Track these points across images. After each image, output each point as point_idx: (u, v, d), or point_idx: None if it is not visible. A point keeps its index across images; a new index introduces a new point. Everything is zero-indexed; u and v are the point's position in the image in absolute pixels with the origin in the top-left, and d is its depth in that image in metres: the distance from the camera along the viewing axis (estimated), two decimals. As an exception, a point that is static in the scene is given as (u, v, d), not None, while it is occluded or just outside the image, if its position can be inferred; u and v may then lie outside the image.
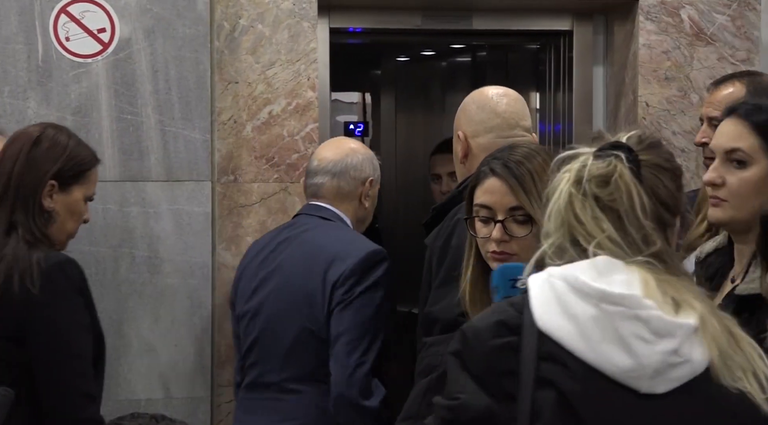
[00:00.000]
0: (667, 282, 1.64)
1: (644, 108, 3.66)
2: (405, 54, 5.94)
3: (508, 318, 1.67)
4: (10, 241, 2.47)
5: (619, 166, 1.65)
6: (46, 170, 2.55)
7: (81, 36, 3.23)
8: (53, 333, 2.47)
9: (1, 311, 2.44)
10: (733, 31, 3.70)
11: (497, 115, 2.77)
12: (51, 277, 2.46)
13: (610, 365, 1.60)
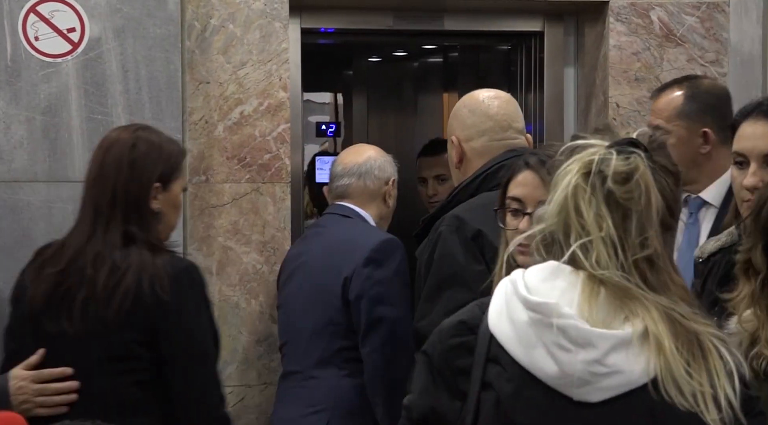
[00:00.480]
0: (624, 293, 1.61)
1: (615, 109, 3.69)
2: (377, 54, 5.95)
3: (470, 318, 1.70)
4: (131, 250, 2.51)
5: (642, 166, 1.64)
6: (150, 175, 2.57)
7: (50, 35, 3.21)
8: (185, 336, 2.54)
9: (133, 316, 2.49)
10: (703, 32, 3.73)
11: (489, 117, 2.78)
12: (179, 282, 2.51)
13: (541, 371, 1.61)
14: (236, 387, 3.45)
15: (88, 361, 2.51)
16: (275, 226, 3.47)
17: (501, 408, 1.63)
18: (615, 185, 1.62)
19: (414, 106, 5.83)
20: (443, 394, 1.68)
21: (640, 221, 1.62)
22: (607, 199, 1.62)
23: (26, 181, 3.18)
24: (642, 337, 1.59)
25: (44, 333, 2.53)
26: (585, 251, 1.62)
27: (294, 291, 3.21)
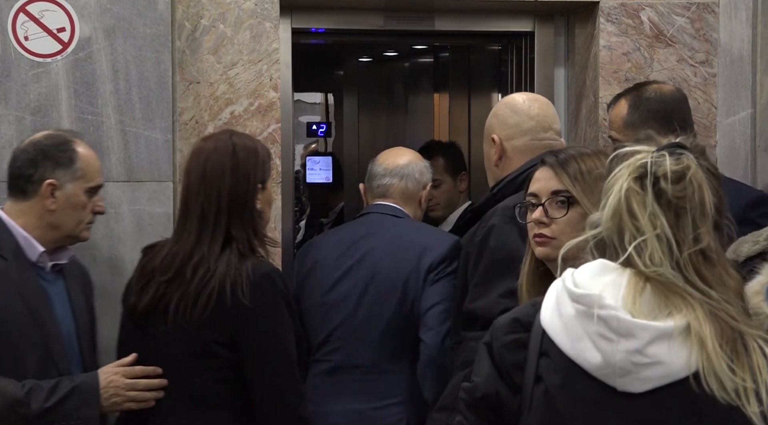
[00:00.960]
0: (671, 289, 1.69)
1: (605, 109, 3.69)
2: (367, 55, 5.95)
3: (523, 316, 1.83)
4: (224, 254, 2.65)
5: (693, 165, 1.72)
6: (253, 178, 2.72)
7: (40, 35, 3.20)
8: (263, 338, 2.66)
9: (215, 318, 2.62)
10: (692, 33, 3.74)
11: (531, 118, 2.91)
12: (260, 287, 2.63)
13: (586, 362, 1.69)
14: (227, 388, 3.44)
15: (174, 357, 2.68)
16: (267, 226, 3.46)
17: (550, 399, 1.73)
18: (668, 184, 1.70)
19: (405, 106, 5.84)
20: (502, 385, 1.80)
21: (693, 218, 1.71)
22: (660, 199, 1.70)
23: (16, 181, 3.17)
24: (684, 332, 1.66)
25: (143, 333, 2.72)
26: (639, 250, 1.70)
27: (360, 286, 3.24)
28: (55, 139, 2.74)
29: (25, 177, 2.68)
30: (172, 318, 2.65)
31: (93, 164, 2.77)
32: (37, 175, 2.68)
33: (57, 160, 2.70)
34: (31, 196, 2.69)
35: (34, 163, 2.68)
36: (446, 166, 4.27)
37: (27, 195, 2.69)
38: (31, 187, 2.68)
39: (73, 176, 2.71)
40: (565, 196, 2.23)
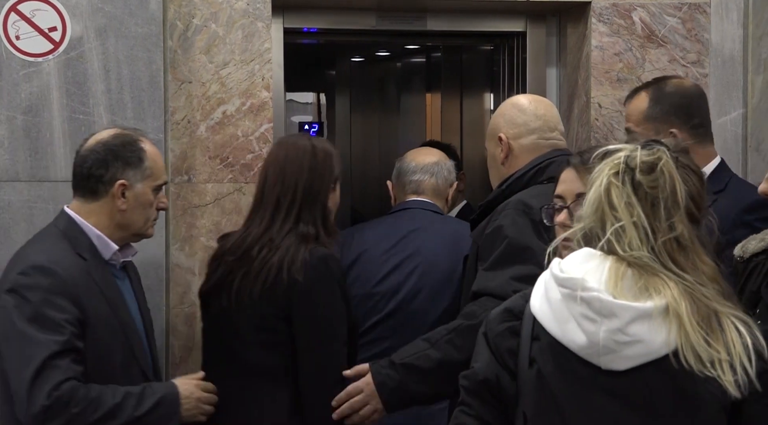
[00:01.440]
0: (649, 272, 1.81)
1: (597, 109, 3.70)
2: (359, 54, 5.95)
3: (514, 306, 1.96)
4: (288, 238, 2.85)
5: (665, 156, 1.86)
6: (328, 178, 2.94)
7: (31, 35, 3.19)
8: (313, 316, 2.83)
9: (272, 294, 2.81)
10: (684, 33, 3.74)
11: (538, 117, 2.98)
12: (315, 268, 2.81)
13: (572, 342, 1.81)
14: (219, 388, 3.44)
15: (236, 331, 2.86)
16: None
17: (542, 380, 1.85)
18: (642, 175, 1.83)
19: (397, 106, 5.84)
20: (500, 370, 1.92)
21: (666, 207, 1.83)
22: (636, 190, 1.83)
23: (7, 181, 3.17)
24: (663, 312, 1.78)
25: (208, 310, 2.96)
26: (618, 237, 1.82)
27: (413, 277, 3.37)
28: (124, 138, 2.74)
29: (96, 177, 2.69)
30: (235, 292, 2.84)
31: (159, 162, 2.80)
32: (108, 175, 2.69)
33: (127, 160, 2.71)
34: (101, 196, 2.70)
35: (105, 163, 2.68)
36: None
37: (98, 195, 2.70)
38: (102, 187, 2.69)
39: (142, 176, 2.72)
40: None
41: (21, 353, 2.48)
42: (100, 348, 2.62)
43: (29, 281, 2.53)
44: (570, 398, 1.83)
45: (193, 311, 3.41)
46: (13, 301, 2.52)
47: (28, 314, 2.50)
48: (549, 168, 2.86)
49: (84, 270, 2.64)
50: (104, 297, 2.67)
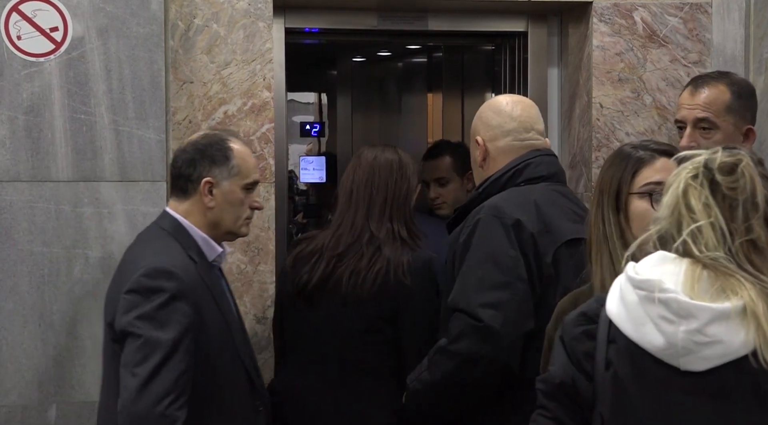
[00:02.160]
0: (725, 274, 1.81)
1: (598, 109, 3.70)
2: (361, 54, 5.95)
3: (589, 309, 1.98)
4: (388, 238, 3.09)
5: (745, 159, 1.87)
6: (413, 182, 3.22)
7: (33, 35, 3.19)
8: (418, 318, 3.04)
9: (379, 294, 3.03)
10: (686, 33, 3.74)
11: (513, 119, 2.96)
12: (420, 272, 3.06)
13: (650, 344, 1.82)
14: (220, 388, 3.44)
15: (342, 330, 3.06)
16: (259, 226, 3.46)
17: (619, 383, 1.87)
18: (721, 176, 1.84)
19: (398, 106, 5.84)
20: (577, 373, 1.94)
21: (745, 208, 1.84)
22: (714, 191, 1.84)
23: (8, 181, 3.17)
24: (741, 313, 1.78)
25: (312, 308, 3.11)
26: (695, 238, 1.83)
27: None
28: (211, 138, 2.79)
29: (185, 176, 2.74)
30: (343, 291, 3.05)
31: (248, 161, 2.80)
32: (195, 173, 2.73)
33: (213, 158, 2.74)
34: (191, 194, 2.74)
35: (192, 162, 2.74)
36: (454, 165, 4.29)
37: (187, 194, 2.74)
38: (190, 185, 2.74)
39: (229, 173, 2.74)
40: None
41: (135, 354, 2.48)
42: (211, 348, 2.63)
43: (153, 284, 2.54)
44: (647, 399, 1.84)
45: (195, 311, 3.41)
46: (136, 302, 2.53)
47: (150, 316, 2.51)
48: (526, 170, 2.88)
49: (195, 272, 2.66)
50: (214, 299, 2.69)
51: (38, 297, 3.18)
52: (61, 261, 3.19)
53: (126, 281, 2.57)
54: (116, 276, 2.69)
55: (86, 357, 3.20)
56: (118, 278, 2.65)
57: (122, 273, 2.64)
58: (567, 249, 2.74)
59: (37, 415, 3.18)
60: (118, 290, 2.58)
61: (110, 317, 2.58)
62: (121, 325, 2.52)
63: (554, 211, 2.80)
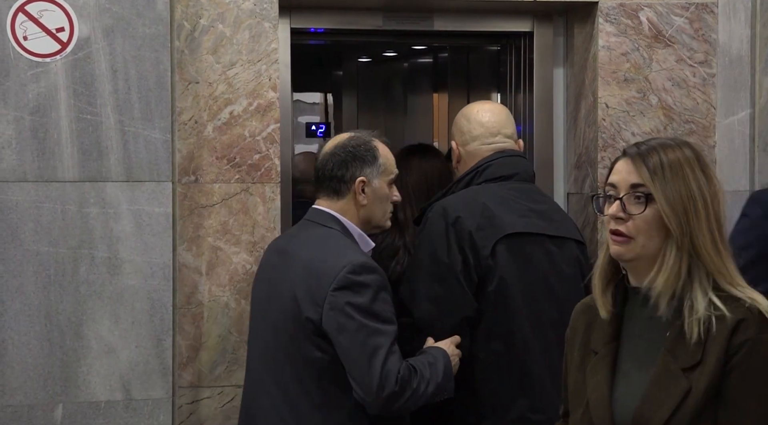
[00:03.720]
0: None
1: (604, 109, 3.69)
2: (366, 55, 5.95)
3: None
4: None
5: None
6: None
7: (39, 35, 3.20)
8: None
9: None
10: (691, 33, 3.74)
11: (481, 125, 3.23)
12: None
13: None
14: (226, 388, 3.44)
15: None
16: (265, 226, 3.47)
17: None
18: None
19: (404, 107, 5.84)
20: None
21: None
22: None
23: (15, 181, 3.18)
24: None
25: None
26: None
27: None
28: (357, 140, 2.96)
29: (338, 177, 2.91)
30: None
31: (390, 158, 2.99)
32: (348, 174, 2.91)
33: (364, 158, 2.92)
34: (344, 194, 2.91)
35: (344, 164, 2.91)
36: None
37: (340, 193, 2.91)
38: (343, 186, 2.91)
39: (377, 172, 2.93)
40: (642, 192, 2.09)
41: (365, 344, 2.68)
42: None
43: (361, 279, 2.72)
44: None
45: (200, 311, 3.42)
46: (348, 298, 2.70)
47: (366, 308, 2.70)
48: (486, 171, 3.14)
49: None
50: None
51: (44, 298, 3.18)
52: (67, 261, 3.19)
53: (322, 278, 2.72)
54: (300, 272, 2.78)
55: (92, 357, 3.21)
56: (304, 274, 2.76)
57: (311, 271, 2.76)
58: (508, 241, 3.00)
59: (43, 415, 3.19)
60: (315, 286, 2.73)
61: (310, 312, 2.72)
62: (334, 320, 2.69)
63: (502, 208, 3.05)
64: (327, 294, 2.70)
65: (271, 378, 2.80)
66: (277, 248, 2.96)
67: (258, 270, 3.02)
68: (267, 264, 2.96)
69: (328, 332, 2.69)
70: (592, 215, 3.73)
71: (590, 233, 3.74)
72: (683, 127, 3.73)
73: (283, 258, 2.86)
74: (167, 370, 3.27)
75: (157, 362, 3.25)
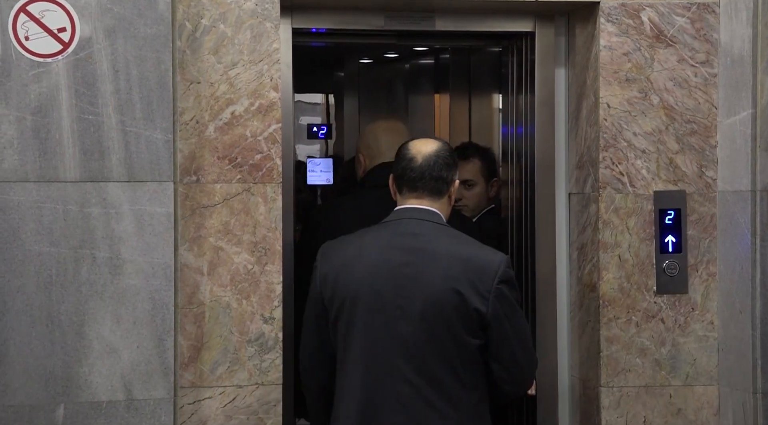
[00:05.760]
0: None
1: (605, 109, 3.69)
2: (368, 55, 5.95)
3: None
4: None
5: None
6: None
7: (41, 35, 3.20)
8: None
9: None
10: (693, 33, 3.74)
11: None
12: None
13: None
14: (227, 388, 3.44)
15: None
16: (266, 226, 3.47)
17: None
18: None
19: (405, 108, 5.84)
20: None
21: None
22: None
23: (16, 181, 3.18)
24: None
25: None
26: None
27: None
28: (447, 144, 3.27)
29: (443, 178, 3.18)
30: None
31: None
32: (449, 176, 3.19)
33: (456, 162, 3.24)
34: (444, 194, 3.19)
35: (449, 166, 3.19)
36: (482, 168, 4.31)
37: (442, 194, 3.18)
38: (445, 187, 3.18)
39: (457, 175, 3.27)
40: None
41: (524, 329, 3.13)
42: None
43: (512, 273, 3.10)
44: None
45: (202, 311, 3.42)
46: (508, 289, 3.06)
47: (517, 298, 3.11)
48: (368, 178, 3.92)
49: None
50: None
51: (46, 298, 3.18)
52: (69, 261, 3.20)
53: (482, 273, 3.03)
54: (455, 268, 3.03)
55: (93, 357, 3.21)
56: (459, 269, 3.02)
57: (466, 266, 3.03)
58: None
59: (45, 415, 3.19)
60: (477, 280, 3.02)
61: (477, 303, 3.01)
62: (501, 308, 3.04)
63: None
64: (493, 287, 3.02)
65: (410, 366, 2.99)
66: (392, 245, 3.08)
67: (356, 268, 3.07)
68: (386, 261, 3.06)
69: (493, 320, 3.03)
70: (594, 215, 3.72)
71: (592, 233, 3.74)
72: (685, 126, 3.73)
73: (419, 255, 3.04)
74: (169, 370, 3.27)
75: (159, 362, 3.25)
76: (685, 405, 3.72)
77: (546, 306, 3.93)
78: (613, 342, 3.69)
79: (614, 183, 3.69)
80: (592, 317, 3.75)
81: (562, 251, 3.96)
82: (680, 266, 3.71)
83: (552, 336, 3.94)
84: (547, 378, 3.93)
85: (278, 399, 3.48)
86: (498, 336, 3.03)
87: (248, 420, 3.46)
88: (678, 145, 3.73)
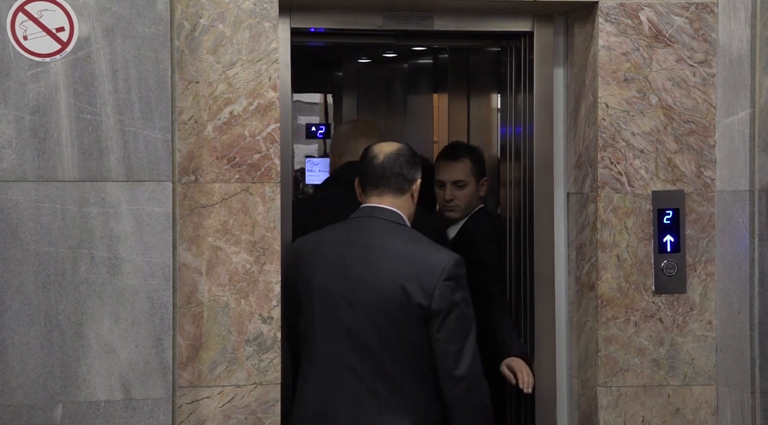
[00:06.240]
0: None
1: (604, 109, 3.69)
2: (367, 55, 5.95)
3: None
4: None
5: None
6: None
7: (39, 35, 3.20)
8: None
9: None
10: (691, 33, 3.74)
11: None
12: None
13: None
14: (226, 387, 3.44)
15: None
16: (265, 226, 3.47)
17: None
18: None
19: (404, 107, 5.84)
20: None
21: None
22: None
23: (14, 181, 3.18)
24: None
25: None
26: None
27: None
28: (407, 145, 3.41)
29: (403, 175, 3.32)
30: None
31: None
32: (410, 174, 3.33)
33: (417, 162, 3.38)
34: (405, 192, 3.33)
35: (409, 164, 3.33)
36: (473, 169, 4.31)
37: (403, 192, 3.32)
38: (406, 184, 3.33)
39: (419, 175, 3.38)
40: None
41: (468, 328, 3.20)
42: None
43: (461, 271, 3.21)
44: None
45: (200, 311, 3.42)
46: (454, 286, 3.18)
47: (464, 297, 3.20)
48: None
49: None
50: None
51: (44, 297, 3.18)
52: (67, 261, 3.19)
53: (428, 271, 3.16)
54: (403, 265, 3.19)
55: (92, 357, 3.21)
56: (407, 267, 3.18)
57: (413, 264, 3.18)
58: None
59: (43, 415, 3.19)
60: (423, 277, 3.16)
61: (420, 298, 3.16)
62: (444, 305, 3.15)
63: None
64: (439, 283, 3.14)
65: (358, 358, 3.19)
66: (349, 241, 3.27)
67: (315, 260, 3.33)
68: (339, 256, 3.27)
69: (436, 316, 3.13)
70: (592, 215, 3.73)
71: (590, 233, 3.75)
72: (683, 126, 3.73)
73: (372, 252, 3.21)
74: (167, 370, 3.26)
75: (157, 362, 3.25)
76: (684, 404, 3.73)
77: (544, 305, 3.94)
78: (611, 341, 3.69)
79: (613, 183, 3.69)
80: (590, 317, 3.75)
81: (560, 251, 3.96)
82: (678, 266, 3.71)
83: (550, 335, 3.95)
84: (545, 377, 3.93)
85: (277, 399, 3.48)
86: (440, 332, 3.17)
87: (246, 420, 3.46)
88: (676, 145, 3.73)
